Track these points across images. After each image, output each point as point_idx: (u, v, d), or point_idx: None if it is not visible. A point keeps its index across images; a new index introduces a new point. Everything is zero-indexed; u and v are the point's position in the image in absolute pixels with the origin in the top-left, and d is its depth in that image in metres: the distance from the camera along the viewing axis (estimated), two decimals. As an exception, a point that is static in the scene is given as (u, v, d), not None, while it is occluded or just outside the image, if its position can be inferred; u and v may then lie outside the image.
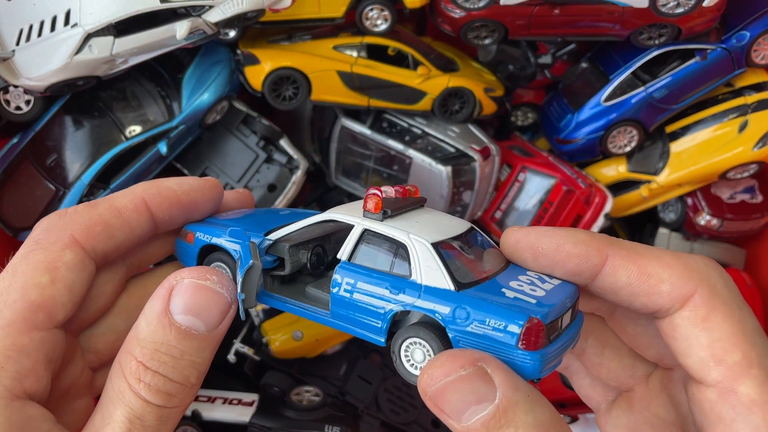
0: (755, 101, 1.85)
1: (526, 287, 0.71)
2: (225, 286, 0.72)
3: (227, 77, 1.73)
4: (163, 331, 0.67)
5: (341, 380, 1.83)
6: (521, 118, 2.20)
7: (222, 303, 0.71)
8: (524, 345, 0.65)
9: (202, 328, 0.68)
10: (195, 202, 0.83)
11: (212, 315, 0.69)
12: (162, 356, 0.66)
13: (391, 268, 0.73)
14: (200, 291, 0.69)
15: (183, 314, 0.68)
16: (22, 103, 1.65)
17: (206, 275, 0.71)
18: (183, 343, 0.67)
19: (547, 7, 1.68)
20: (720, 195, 2.00)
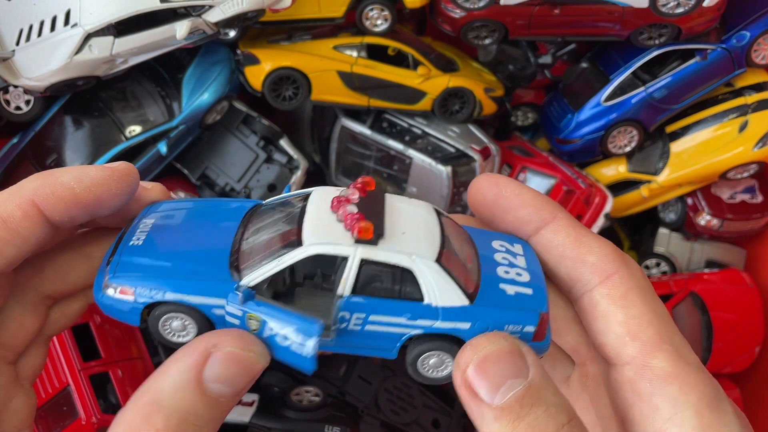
0: (755, 101, 1.85)
1: (512, 273, 0.74)
2: (264, 356, 0.66)
3: (227, 77, 1.73)
4: (193, 400, 0.61)
5: (341, 380, 1.83)
6: (521, 118, 2.20)
7: (257, 370, 0.66)
8: (536, 339, 0.69)
9: (230, 394, 0.64)
10: (99, 200, 0.70)
11: (245, 382, 0.65)
12: (189, 427, 0.61)
13: (400, 294, 0.70)
14: (241, 362, 0.64)
15: (217, 383, 0.62)
16: (22, 103, 1.65)
17: (251, 347, 0.65)
18: (211, 411, 0.62)
19: (547, 7, 1.68)
20: (720, 195, 2.00)
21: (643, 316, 0.71)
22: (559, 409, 0.62)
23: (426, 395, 1.86)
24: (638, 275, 0.74)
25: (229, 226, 0.76)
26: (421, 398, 1.84)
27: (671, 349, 0.69)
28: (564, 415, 0.62)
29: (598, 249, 0.75)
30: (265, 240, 0.72)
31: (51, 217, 0.68)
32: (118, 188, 0.71)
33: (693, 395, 0.67)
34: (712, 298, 1.89)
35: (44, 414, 1.60)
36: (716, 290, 1.91)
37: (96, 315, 1.60)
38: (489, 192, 0.79)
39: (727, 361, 1.89)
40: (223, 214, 0.81)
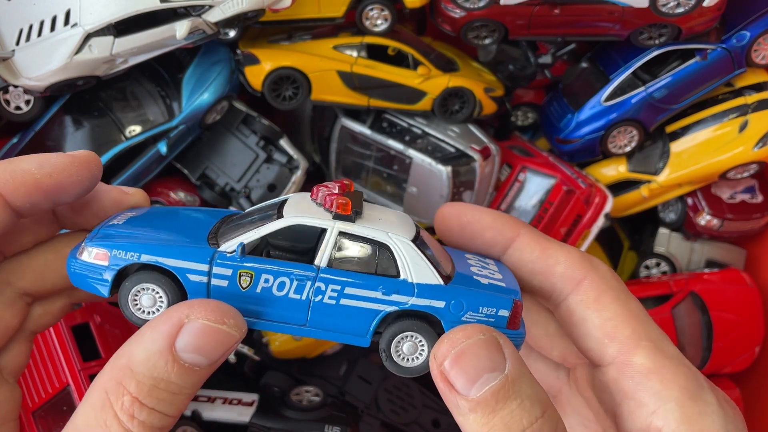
0: (755, 101, 1.85)
1: (486, 272, 0.77)
2: (239, 326, 0.66)
3: (227, 77, 1.73)
4: (165, 368, 0.62)
5: (341, 380, 1.83)
6: (521, 118, 2.20)
7: (232, 342, 0.66)
8: (511, 326, 0.71)
9: (205, 363, 0.64)
10: (60, 185, 0.70)
11: (219, 353, 0.65)
12: (160, 393, 0.62)
13: (376, 270, 0.72)
14: (214, 334, 0.64)
15: (189, 353, 0.63)
16: (21, 103, 1.65)
17: (224, 318, 0.65)
18: (183, 379, 0.63)
19: (547, 6, 1.68)
20: (720, 195, 2.00)
21: (618, 316, 0.73)
22: (533, 402, 0.62)
23: (426, 395, 1.86)
24: (608, 276, 0.77)
25: (207, 220, 0.80)
26: (421, 398, 1.84)
27: (650, 345, 0.72)
28: (538, 408, 0.63)
29: (565, 258, 0.77)
30: (244, 223, 0.75)
31: (12, 203, 0.69)
32: (79, 174, 0.71)
33: (674, 389, 0.69)
34: (712, 298, 1.89)
35: (44, 414, 1.61)
36: (716, 290, 1.91)
37: (96, 315, 1.60)
38: (453, 221, 0.83)
39: (727, 361, 1.89)
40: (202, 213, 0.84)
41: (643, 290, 1.93)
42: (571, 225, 1.85)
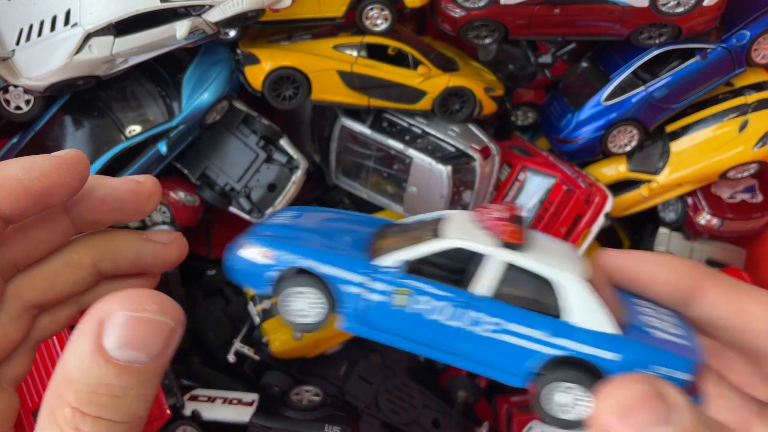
0: (755, 101, 1.85)
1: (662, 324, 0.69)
2: (167, 311, 0.61)
3: (227, 77, 1.73)
4: (99, 370, 0.57)
5: (341, 380, 1.83)
6: (521, 118, 2.20)
7: (165, 330, 0.60)
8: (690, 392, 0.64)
9: (145, 359, 0.59)
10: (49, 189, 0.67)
11: (155, 345, 0.59)
12: (101, 398, 0.57)
13: (542, 307, 0.66)
14: (138, 324, 0.59)
15: (120, 350, 0.58)
16: (22, 103, 1.65)
17: (143, 305, 0.60)
18: (124, 380, 0.58)
19: (548, 6, 1.68)
20: (720, 194, 2.00)
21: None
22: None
23: (426, 395, 1.86)
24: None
25: (362, 229, 0.77)
26: (421, 398, 1.84)
27: None
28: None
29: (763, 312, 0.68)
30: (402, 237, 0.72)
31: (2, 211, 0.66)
32: (68, 176, 0.69)
33: None
34: (713, 298, 1.89)
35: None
36: (716, 290, 1.91)
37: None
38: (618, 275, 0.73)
39: (728, 361, 1.89)
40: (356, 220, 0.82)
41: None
42: (571, 224, 1.85)
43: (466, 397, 1.97)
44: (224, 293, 2.00)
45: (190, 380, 1.86)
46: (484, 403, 2.06)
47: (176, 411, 1.65)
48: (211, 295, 1.99)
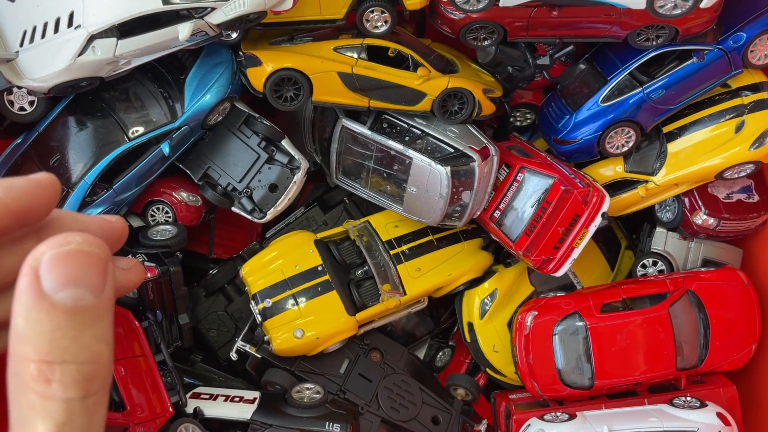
0: (752, 102, 1.86)
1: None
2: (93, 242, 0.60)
3: (229, 78, 1.74)
4: (48, 316, 0.57)
5: (342, 378, 1.85)
6: (520, 119, 2.22)
7: (96, 261, 0.60)
8: None
9: (89, 295, 0.58)
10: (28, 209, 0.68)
11: (92, 277, 0.59)
12: (60, 342, 0.56)
13: None
14: (68, 258, 0.58)
15: (63, 290, 0.57)
16: (25, 104, 1.66)
17: (67, 240, 0.59)
18: (77, 319, 0.58)
19: (546, 8, 1.69)
20: (717, 194, 2.01)
21: None
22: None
23: (425, 393, 1.88)
24: None
25: None
26: (420, 396, 1.86)
27: None
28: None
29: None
30: None
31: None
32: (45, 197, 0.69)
33: None
34: (709, 297, 1.91)
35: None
36: (713, 289, 1.93)
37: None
38: None
39: (724, 359, 1.91)
40: None
41: (641, 289, 1.94)
42: (568, 224, 1.87)
43: (465, 395, 1.99)
44: (226, 292, 2.01)
45: (192, 378, 1.88)
46: (483, 401, 2.08)
47: (178, 408, 1.66)
48: (213, 294, 2.01)
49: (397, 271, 1.89)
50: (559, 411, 1.83)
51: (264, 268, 1.86)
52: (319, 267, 1.85)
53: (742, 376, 1.95)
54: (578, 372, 1.87)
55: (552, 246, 1.86)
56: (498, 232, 1.95)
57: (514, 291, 2.04)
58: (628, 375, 1.86)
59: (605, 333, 1.86)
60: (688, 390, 1.86)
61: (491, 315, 2.00)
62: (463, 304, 2.05)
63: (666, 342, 1.86)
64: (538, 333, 1.88)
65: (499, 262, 2.09)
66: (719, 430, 1.69)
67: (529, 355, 1.88)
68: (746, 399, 1.90)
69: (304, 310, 1.81)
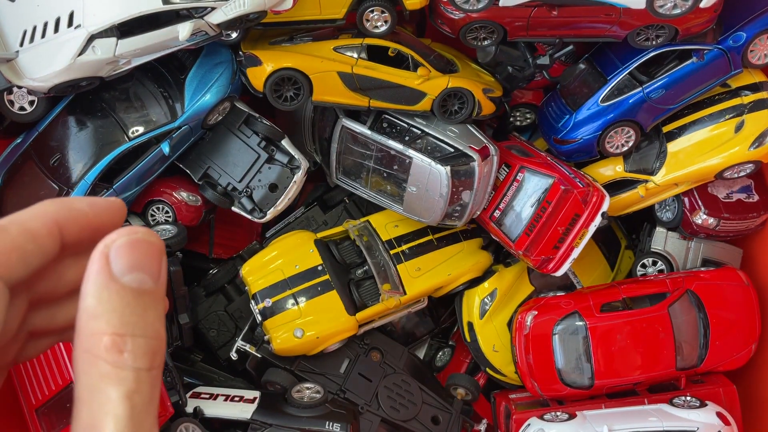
0: (751, 101, 1.86)
1: None
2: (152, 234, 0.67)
3: (229, 78, 1.74)
4: (118, 296, 0.63)
5: (342, 377, 1.85)
6: (520, 119, 2.22)
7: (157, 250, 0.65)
8: None
9: (150, 282, 0.65)
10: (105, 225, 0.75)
11: (154, 264, 0.65)
12: (130, 317, 0.63)
13: None
14: (136, 245, 0.65)
15: (129, 274, 0.64)
16: (25, 104, 1.66)
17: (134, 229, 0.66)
18: (141, 300, 0.64)
19: (546, 8, 1.69)
20: (717, 194, 2.01)
21: None
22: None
23: (425, 392, 1.88)
24: None
25: None
26: (420, 395, 1.86)
27: None
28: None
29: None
30: None
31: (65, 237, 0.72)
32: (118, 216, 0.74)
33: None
34: (709, 296, 1.91)
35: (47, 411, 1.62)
36: (713, 288, 1.93)
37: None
38: None
39: (724, 359, 1.91)
40: None
41: (640, 289, 1.94)
42: (568, 224, 1.87)
43: (465, 394, 1.99)
44: (226, 292, 2.01)
45: (192, 378, 1.88)
46: (483, 401, 2.08)
47: (178, 408, 1.66)
48: (213, 293, 2.01)
49: (397, 271, 1.89)
50: (559, 411, 1.83)
51: (264, 267, 1.86)
52: (319, 267, 1.85)
53: (742, 375, 1.96)
54: (578, 372, 1.88)
55: (552, 246, 1.86)
56: (498, 232, 1.95)
57: (514, 291, 2.04)
58: (628, 375, 1.86)
59: (605, 333, 1.86)
60: (688, 390, 1.86)
61: (491, 315, 2.00)
62: (463, 303, 2.05)
63: (666, 342, 1.86)
64: (538, 333, 1.88)
65: (499, 262, 2.09)
66: (719, 429, 1.69)
67: (529, 355, 1.88)
68: (746, 399, 1.91)
69: (304, 309, 1.81)
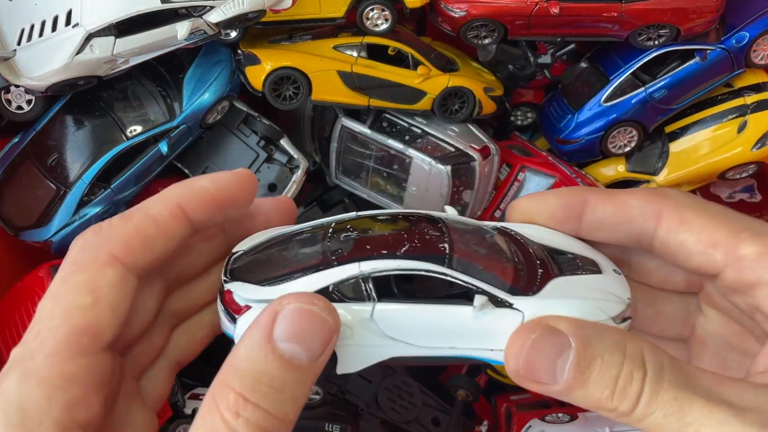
0: (754, 102, 1.85)
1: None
2: (331, 311, 0.67)
3: (228, 77, 1.73)
4: (265, 359, 0.63)
5: (341, 379, 1.84)
6: (521, 118, 2.21)
7: (327, 330, 0.66)
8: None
9: (304, 358, 0.64)
10: (231, 199, 0.78)
11: (316, 343, 0.65)
12: (263, 387, 0.62)
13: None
14: (306, 317, 0.65)
15: (287, 342, 0.64)
16: (23, 103, 1.65)
17: (313, 300, 0.66)
18: (285, 374, 0.63)
19: (546, 7, 1.68)
20: (719, 194, 2.01)
21: (709, 225, 0.77)
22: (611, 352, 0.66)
23: (426, 394, 1.87)
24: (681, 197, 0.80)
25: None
26: (421, 397, 1.85)
27: (749, 235, 0.75)
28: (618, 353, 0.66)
29: (636, 199, 0.80)
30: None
31: (193, 217, 0.75)
32: (246, 188, 0.78)
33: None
34: (711, 298, 1.90)
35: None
36: (715, 289, 1.92)
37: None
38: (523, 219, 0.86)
39: (726, 360, 1.90)
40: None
41: (642, 289, 1.93)
42: (570, 225, 1.86)
43: (465, 396, 1.98)
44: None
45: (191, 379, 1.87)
46: (483, 402, 2.07)
47: (176, 409, 1.66)
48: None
49: (397, 271, 1.88)
50: (561, 412, 1.82)
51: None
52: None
53: (744, 377, 1.95)
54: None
55: (553, 246, 1.85)
56: (499, 232, 1.94)
57: (514, 291, 2.03)
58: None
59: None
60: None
61: (492, 315, 1.99)
62: (464, 304, 2.04)
63: (667, 343, 1.85)
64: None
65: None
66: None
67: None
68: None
69: (304, 310, 1.80)
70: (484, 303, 0.74)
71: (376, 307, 0.73)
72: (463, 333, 0.75)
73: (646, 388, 0.64)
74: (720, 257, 0.75)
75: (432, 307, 0.75)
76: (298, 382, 0.64)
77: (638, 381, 0.65)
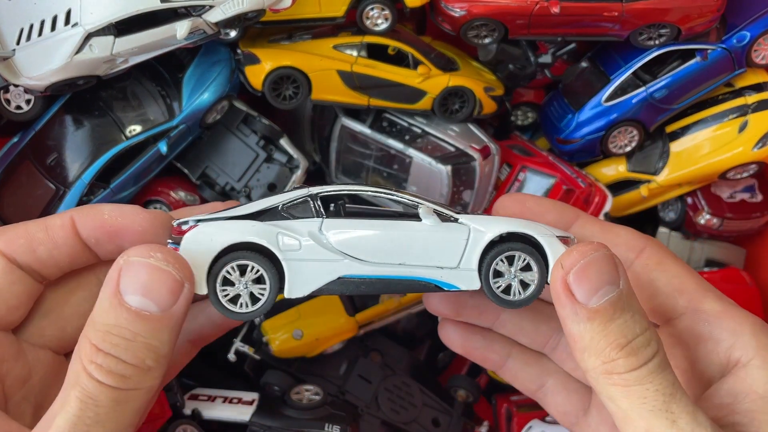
0: (755, 101, 1.85)
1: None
2: (172, 263, 0.69)
3: (227, 77, 1.73)
4: (114, 312, 0.66)
5: (341, 379, 1.84)
6: (521, 118, 2.20)
7: (171, 280, 0.68)
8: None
9: (155, 308, 0.67)
10: (122, 229, 0.81)
11: (163, 294, 0.67)
12: (113, 338, 0.66)
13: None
14: (145, 269, 0.67)
15: (132, 294, 0.67)
16: (22, 103, 1.65)
17: (150, 253, 0.68)
18: (135, 325, 0.66)
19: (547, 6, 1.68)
20: (720, 194, 2.01)
21: (682, 274, 0.83)
22: (641, 316, 0.71)
23: (426, 394, 1.87)
24: (664, 246, 0.87)
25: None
26: (421, 397, 1.85)
27: (714, 294, 0.81)
28: (645, 320, 0.71)
29: (624, 233, 0.87)
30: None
31: (81, 232, 0.80)
32: (143, 225, 0.81)
33: (746, 324, 0.77)
34: (712, 298, 1.90)
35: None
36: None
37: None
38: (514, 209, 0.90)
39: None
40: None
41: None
42: (570, 225, 1.85)
43: (465, 396, 1.98)
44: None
45: (190, 379, 1.87)
46: (483, 403, 2.07)
47: (176, 410, 1.65)
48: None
49: (397, 272, 1.88)
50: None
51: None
52: (319, 267, 1.84)
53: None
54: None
55: (553, 246, 1.85)
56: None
57: (515, 291, 2.03)
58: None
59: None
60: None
61: (492, 315, 1.99)
62: (464, 304, 2.04)
63: (668, 343, 1.85)
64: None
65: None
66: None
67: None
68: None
69: (304, 310, 1.80)
70: (431, 212, 0.79)
71: (325, 221, 0.80)
72: (413, 248, 0.78)
73: (656, 359, 0.69)
74: (682, 303, 0.81)
75: (380, 222, 0.80)
76: (151, 332, 0.66)
77: (653, 348, 0.69)
